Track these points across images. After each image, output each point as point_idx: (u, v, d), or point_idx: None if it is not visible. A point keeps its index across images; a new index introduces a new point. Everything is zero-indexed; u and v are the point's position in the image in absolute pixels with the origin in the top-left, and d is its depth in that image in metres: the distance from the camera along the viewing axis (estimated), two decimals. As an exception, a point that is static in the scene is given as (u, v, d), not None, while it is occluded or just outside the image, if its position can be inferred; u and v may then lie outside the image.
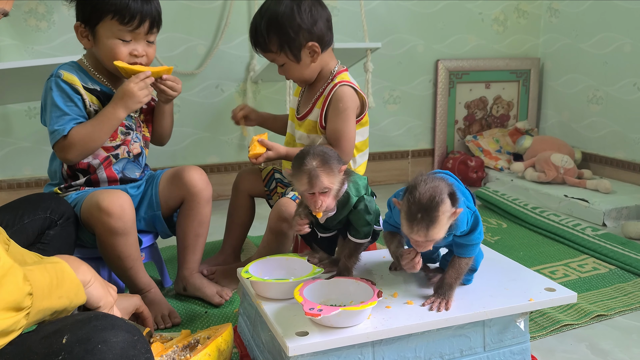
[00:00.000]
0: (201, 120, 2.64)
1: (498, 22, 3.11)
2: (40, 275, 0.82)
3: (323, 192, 1.14)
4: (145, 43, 1.48)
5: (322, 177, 1.13)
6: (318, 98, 1.62)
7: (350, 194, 1.20)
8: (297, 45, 1.54)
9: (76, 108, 1.44)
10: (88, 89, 1.47)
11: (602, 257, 1.93)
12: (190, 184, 1.54)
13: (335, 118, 1.57)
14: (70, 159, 1.46)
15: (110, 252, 1.41)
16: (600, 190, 2.54)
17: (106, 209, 1.36)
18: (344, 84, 1.57)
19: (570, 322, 1.47)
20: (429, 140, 3.12)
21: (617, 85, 2.78)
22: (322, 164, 1.14)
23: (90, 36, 1.45)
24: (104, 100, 1.48)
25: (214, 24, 2.58)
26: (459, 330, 1.16)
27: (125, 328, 0.80)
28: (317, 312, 1.00)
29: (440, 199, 1.04)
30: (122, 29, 1.42)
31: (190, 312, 1.55)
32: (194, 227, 1.57)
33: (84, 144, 1.43)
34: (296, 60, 1.56)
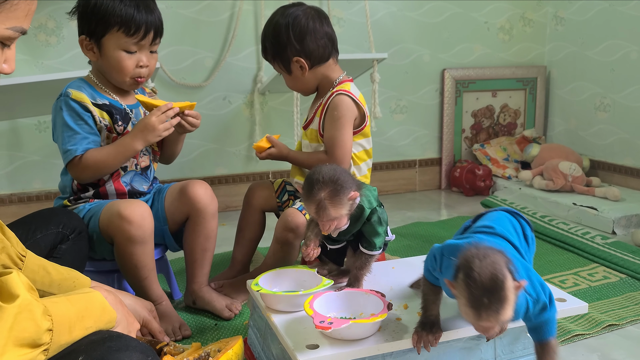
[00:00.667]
0: (209, 132, 2.66)
1: (504, 30, 3.12)
2: (65, 308, 0.82)
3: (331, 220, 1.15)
4: (148, 53, 1.49)
5: (329, 210, 1.13)
6: (319, 107, 1.65)
7: (364, 207, 1.21)
8: (286, 58, 1.61)
9: (87, 126, 1.46)
10: (97, 105, 1.48)
11: (612, 266, 1.92)
12: (195, 199, 1.54)
13: (330, 126, 1.60)
14: (82, 180, 1.49)
15: (128, 261, 1.43)
16: (609, 198, 2.53)
17: (128, 217, 1.38)
18: (342, 92, 1.60)
19: (582, 332, 1.47)
20: (436, 149, 3.13)
21: (624, 92, 2.77)
22: (330, 196, 1.13)
23: (96, 49, 1.47)
24: (115, 113, 1.50)
25: (222, 37, 2.60)
26: (470, 342, 1.16)
27: (139, 349, 0.81)
28: (328, 325, 1.00)
29: (502, 275, 0.89)
30: (128, 41, 1.44)
31: (201, 324, 1.56)
32: (200, 242, 1.57)
33: (96, 168, 1.45)
34: (287, 71, 1.64)
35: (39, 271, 1.02)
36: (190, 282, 1.62)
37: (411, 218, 2.57)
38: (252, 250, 1.78)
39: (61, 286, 1.05)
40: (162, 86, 2.50)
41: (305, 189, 1.16)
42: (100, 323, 0.88)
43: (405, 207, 2.78)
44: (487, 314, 0.89)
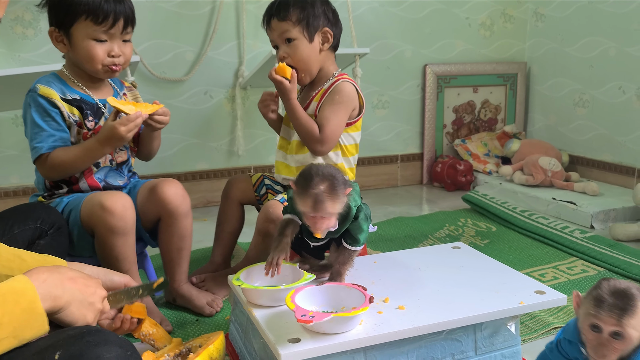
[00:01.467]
0: (190, 127, 2.64)
1: (485, 27, 3.14)
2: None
3: (325, 217, 1.14)
4: (120, 42, 1.46)
5: (327, 203, 1.13)
6: (317, 93, 1.65)
7: (351, 206, 1.20)
8: (316, 24, 1.60)
9: (54, 122, 1.43)
10: (67, 100, 1.45)
11: (590, 259, 1.95)
12: (165, 200, 1.50)
13: (328, 107, 1.60)
14: (50, 178, 1.48)
15: (109, 252, 1.41)
16: (588, 193, 2.56)
17: (109, 208, 1.37)
18: (347, 80, 1.63)
19: (561, 325, 1.48)
20: (418, 144, 3.14)
21: (602, 88, 2.81)
22: (329, 190, 1.13)
23: (66, 40, 1.44)
24: (85, 108, 1.47)
25: (202, 31, 2.58)
26: (451, 335, 1.16)
27: (118, 343, 0.80)
28: (309, 319, 1.00)
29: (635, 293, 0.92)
30: (97, 29, 1.41)
31: (182, 320, 1.55)
32: (175, 242, 1.55)
33: (63, 169, 1.44)
34: (309, 38, 1.60)
35: (14, 260, 1.00)
36: (169, 281, 1.60)
37: (393, 213, 2.58)
38: (232, 244, 1.77)
39: None
40: (142, 80, 2.48)
41: (302, 183, 1.15)
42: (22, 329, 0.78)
43: (387, 202, 2.79)
44: (613, 312, 0.91)
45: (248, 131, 2.72)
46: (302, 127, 1.58)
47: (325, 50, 1.64)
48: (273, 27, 1.62)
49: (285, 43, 1.60)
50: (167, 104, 1.50)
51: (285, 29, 1.59)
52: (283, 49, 1.61)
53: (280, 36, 1.61)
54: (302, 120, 1.59)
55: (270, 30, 1.64)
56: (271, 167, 2.71)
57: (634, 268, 1.83)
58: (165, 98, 2.55)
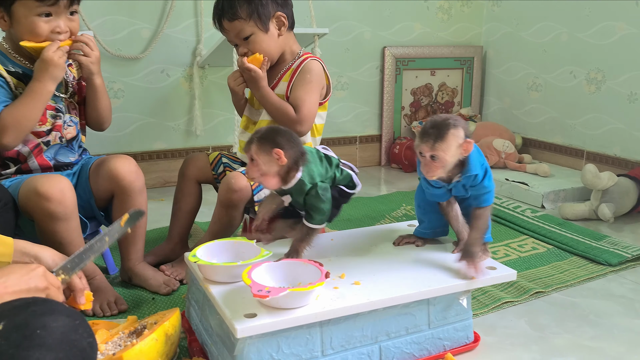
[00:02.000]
0: (147, 105, 2.59)
1: (443, 10, 3.17)
2: None
3: (252, 160, 1.20)
4: (66, 17, 1.40)
5: (252, 145, 1.20)
6: (284, 73, 1.64)
7: (304, 181, 1.23)
8: (267, 13, 1.56)
9: (2, 89, 1.38)
10: (10, 72, 1.40)
11: (540, 238, 2.02)
12: (118, 177, 1.46)
13: (300, 87, 1.59)
14: (6, 143, 1.38)
15: (51, 238, 1.36)
16: (539, 174, 2.64)
17: (45, 194, 1.31)
18: (314, 58, 1.63)
19: (511, 300, 1.53)
20: (377, 126, 3.16)
21: (555, 72, 2.88)
22: (260, 137, 1.20)
23: (7, 17, 1.37)
24: (27, 82, 1.41)
25: (159, 8, 2.53)
26: (405, 309, 1.19)
27: (65, 313, 0.78)
28: (266, 294, 1.01)
29: (452, 123, 1.16)
30: (40, 5, 1.34)
31: (137, 298, 1.53)
32: None
33: (18, 124, 1.36)
34: (265, 29, 1.57)
35: None
36: (124, 260, 1.58)
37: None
38: (189, 222, 1.76)
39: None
40: (96, 57, 2.41)
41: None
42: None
43: (346, 183, 2.81)
44: (427, 139, 1.16)
45: (206, 111, 2.69)
46: (277, 112, 1.58)
47: (284, 34, 1.63)
48: (226, 29, 1.59)
49: (243, 40, 1.58)
50: (123, 82, 1.47)
51: (239, 28, 1.56)
52: (242, 45, 1.59)
53: (236, 36, 1.58)
54: (276, 105, 1.58)
55: (224, 31, 1.61)
56: (229, 147, 2.69)
57: (581, 245, 1.90)
58: (120, 76, 2.49)
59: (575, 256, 1.86)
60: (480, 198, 1.26)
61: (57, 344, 0.74)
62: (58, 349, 0.74)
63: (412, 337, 1.21)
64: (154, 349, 1.08)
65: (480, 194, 1.26)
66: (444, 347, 1.26)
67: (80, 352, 0.77)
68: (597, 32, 2.66)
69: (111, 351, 1.11)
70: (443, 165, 1.18)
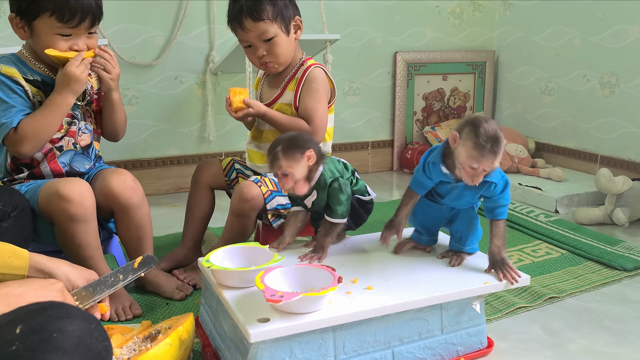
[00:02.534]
0: (160, 112, 2.61)
1: (454, 15, 3.17)
2: None
3: (285, 175, 1.24)
4: (86, 37, 1.43)
5: (281, 161, 1.24)
6: (289, 81, 1.64)
7: (326, 176, 1.29)
8: (288, 15, 1.58)
9: (20, 99, 1.40)
10: (29, 81, 1.42)
11: (554, 242, 2.00)
12: (113, 194, 1.46)
13: (309, 97, 1.60)
14: (23, 152, 1.41)
15: (70, 240, 1.38)
16: (553, 179, 2.63)
17: (67, 196, 1.33)
18: (318, 66, 1.64)
19: (524, 305, 1.53)
20: (389, 131, 3.16)
21: (567, 76, 2.87)
22: (284, 149, 1.24)
23: (27, 28, 1.40)
24: (46, 89, 1.44)
25: (172, 15, 2.55)
26: (418, 314, 1.19)
27: (81, 316, 0.79)
28: (279, 298, 1.01)
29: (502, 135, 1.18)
30: (62, 27, 1.37)
31: (151, 303, 1.55)
32: (133, 232, 1.52)
33: (36, 135, 1.39)
34: (287, 31, 1.58)
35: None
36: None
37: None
38: (202, 229, 1.77)
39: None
40: (111, 65, 2.44)
41: (269, 147, 1.27)
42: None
43: (358, 188, 2.81)
44: (488, 155, 1.16)
45: (219, 117, 2.71)
46: (291, 129, 1.57)
47: (299, 38, 1.64)
48: (248, 29, 1.56)
49: (263, 42, 1.57)
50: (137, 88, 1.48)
51: (264, 29, 1.55)
52: (262, 47, 1.57)
53: (258, 37, 1.56)
54: (287, 125, 1.59)
55: (244, 31, 1.57)
56: (242, 152, 2.70)
57: (595, 250, 1.89)
58: (134, 82, 2.52)
59: (590, 261, 1.85)
60: (495, 211, 1.29)
61: (73, 347, 0.75)
62: (74, 353, 0.75)
63: (425, 342, 1.21)
64: (168, 354, 1.09)
65: (496, 206, 1.29)
66: (457, 352, 1.26)
67: (96, 355, 0.78)
68: (611, 36, 2.64)
69: (126, 355, 1.12)
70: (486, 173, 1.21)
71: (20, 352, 0.72)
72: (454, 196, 1.31)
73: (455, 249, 1.37)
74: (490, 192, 1.27)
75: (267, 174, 1.62)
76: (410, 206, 1.36)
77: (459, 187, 1.28)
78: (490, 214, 1.30)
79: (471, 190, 1.27)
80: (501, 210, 1.29)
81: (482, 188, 1.26)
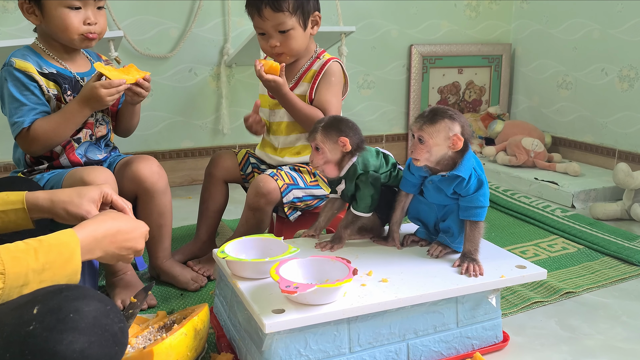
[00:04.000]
0: (174, 104, 2.62)
1: (470, 7, 3.14)
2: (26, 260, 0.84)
3: (317, 149, 1.29)
4: (95, 9, 1.42)
5: (318, 134, 1.29)
6: (304, 73, 1.63)
7: (357, 168, 1.31)
8: (308, 10, 1.57)
9: (33, 96, 1.40)
10: (44, 74, 1.42)
11: (570, 237, 1.98)
12: (140, 179, 1.48)
13: (326, 90, 1.60)
14: (33, 152, 1.43)
15: None
16: (569, 173, 2.60)
17: (92, 183, 1.33)
18: (337, 61, 1.63)
19: (540, 300, 1.51)
20: (403, 125, 3.15)
21: (585, 70, 2.83)
22: (325, 126, 1.29)
23: (37, 11, 1.39)
24: (62, 81, 1.44)
25: (187, 7, 2.55)
26: (433, 307, 1.18)
27: (97, 297, 0.80)
28: (294, 290, 1.01)
29: (449, 114, 1.21)
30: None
31: (166, 294, 1.55)
32: (154, 219, 1.52)
33: (47, 138, 1.40)
34: (304, 26, 1.57)
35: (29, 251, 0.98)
36: (152, 258, 1.60)
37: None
38: (216, 222, 1.77)
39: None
40: (126, 56, 2.45)
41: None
42: (59, 277, 0.88)
43: (372, 181, 2.80)
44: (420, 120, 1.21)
45: (233, 109, 2.71)
46: (305, 116, 1.57)
47: (315, 33, 1.63)
48: (266, 17, 1.54)
49: (279, 33, 1.56)
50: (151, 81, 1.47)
51: (282, 20, 1.53)
52: (276, 38, 1.56)
53: (274, 27, 1.55)
54: (304, 110, 1.57)
55: (262, 19, 1.55)
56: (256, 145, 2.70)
57: (612, 245, 1.86)
58: (149, 75, 2.52)
59: (607, 256, 1.83)
60: (470, 211, 1.25)
61: (90, 327, 0.76)
62: (90, 333, 0.76)
63: (440, 335, 1.20)
64: (184, 344, 1.09)
65: (471, 207, 1.25)
66: (473, 346, 1.25)
67: (112, 336, 0.78)
68: (630, 29, 2.60)
69: (142, 345, 1.12)
70: (428, 150, 1.21)
71: (37, 332, 0.73)
72: (431, 190, 1.30)
73: (442, 241, 1.33)
74: (462, 189, 1.24)
75: (282, 167, 1.61)
76: (399, 210, 1.35)
77: (434, 181, 1.27)
78: (464, 213, 1.26)
79: (443, 184, 1.26)
80: (476, 212, 1.25)
81: (453, 183, 1.24)
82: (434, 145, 1.21)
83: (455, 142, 1.20)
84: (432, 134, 1.20)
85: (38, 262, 0.85)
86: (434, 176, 1.27)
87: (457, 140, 1.20)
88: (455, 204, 1.29)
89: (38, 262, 0.85)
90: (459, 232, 1.30)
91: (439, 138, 1.20)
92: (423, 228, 1.39)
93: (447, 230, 1.32)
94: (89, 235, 0.97)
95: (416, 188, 1.33)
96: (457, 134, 1.20)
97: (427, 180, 1.29)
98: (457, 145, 1.20)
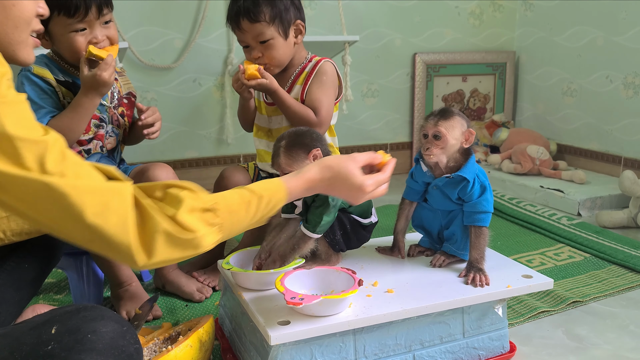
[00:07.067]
0: (179, 114, 2.63)
1: (474, 15, 3.14)
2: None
3: (285, 172, 1.14)
4: (101, 27, 1.43)
5: (281, 158, 1.18)
6: (297, 76, 1.64)
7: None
8: (288, 19, 1.56)
9: (51, 100, 1.41)
10: (60, 82, 1.44)
11: (577, 246, 1.97)
12: None
13: (317, 89, 1.60)
14: None
15: None
16: (575, 181, 2.59)
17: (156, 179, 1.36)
18: (329, 61, 1.63)
19: (547, 309, 1.50)
20: (407, 133, 3.15)
21: (590, 77, 2.83)
22: (287, 147, 1.17)
23: (47, 36, 1.42)
24: (76, 91, 1.44)
25: (191, 18, 2.57)
26: (439, 318, 1.18)
27: (114, 319, 0.81)
28: (299, 301, 1.00)
29: (458, 112, 1.25)
30: (73, 22, 1.38)
31: (171, 305, 1.55)
32: None
33: (63, 135, 1.39)
34: (284, 35, 1.57)
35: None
36: (158, 268, 1.60)
37: (383, 201, 2.58)
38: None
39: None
40: (131, 67, 2.46)
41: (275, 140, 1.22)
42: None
43: (377, 190, 2.79)
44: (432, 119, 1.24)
45: (237, 119, 2.71)
46: (297, 115, 1.57)
47: (299, 42, 1.63)
48: (245, 29, 1.55)
49: (259, 43, 1.55)
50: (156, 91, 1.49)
51: (260, 31, 1.53)
52: (258, 49, 1.56)
53: (254, 38, 1.55)
54: (295, 108, 1.58)
55: (241, 32, 1.56)
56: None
57: (619, 254, 1.85)
58: (153, 85, 2.54)
59: (614, 265, 1.81)
60: (474, 216, 1.26)
61: (107, 348, 0.76)
62: (107, 354, 0.76)
63: (446, 346, 1.20)
64: (189, 356, 1.08)
65: (475, 212, 1.26)
66: (479, 356, 1.24)
67: (128, 357, 0.79)
68: (634, 36, 2.60)
69: (147, 357, 1.12)
70: (444, 146, 1.23)
71: (55, 352, 0.74)
72: (435, 195, 1.30)
73: (447, 250, 1.32)
74: (466, 194, 1.25)
75: None
76: (403, 219, 1.36)
77: (439, 185, 1.28)
78: (469, 219, 1.26)
79: (448, 188, 1.27)
80: (480, 217, 1.25)
81: (458, 186, 1.25)
82: (450, 140, 1.23)
83: (468, 137, 1.25)
84: (448, 129, 1.23)
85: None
86: (438, 180, 1.27)
87: (470, 135, 1.25)
88: (459, 210, 1.29)
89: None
90: (462, 238, 1.29)
91: (455, 132, 1.23)
92: (427, 237, 1.39)
93: (450, 237, 1.32)
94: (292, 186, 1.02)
95: (419, 196, 1.34)
96: (470, 129, 1.25)
97: (431, 186, 1.29)
98: (470, 140, 1.25)
